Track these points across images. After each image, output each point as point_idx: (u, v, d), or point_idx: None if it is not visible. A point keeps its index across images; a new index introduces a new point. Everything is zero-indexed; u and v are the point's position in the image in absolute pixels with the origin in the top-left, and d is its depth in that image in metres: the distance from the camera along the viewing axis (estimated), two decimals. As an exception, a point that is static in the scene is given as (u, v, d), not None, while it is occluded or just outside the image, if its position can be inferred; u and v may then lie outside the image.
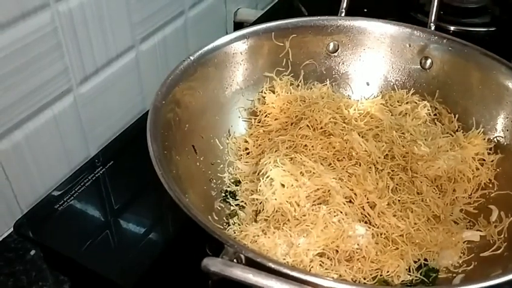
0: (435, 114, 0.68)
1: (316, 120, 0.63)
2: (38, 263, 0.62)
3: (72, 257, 0.57)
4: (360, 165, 0.59)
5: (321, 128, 0.63)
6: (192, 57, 0.62)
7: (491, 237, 0.56)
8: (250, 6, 1.04)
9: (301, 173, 0.57)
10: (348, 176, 0.58)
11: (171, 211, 0.61)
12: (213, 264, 0.39)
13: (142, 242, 0.59)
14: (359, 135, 0.61)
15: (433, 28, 0.70)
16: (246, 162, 0.64)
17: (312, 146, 0.61)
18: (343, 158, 0.61)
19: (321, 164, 0.59)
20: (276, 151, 0.61)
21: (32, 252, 0.63)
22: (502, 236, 0.55)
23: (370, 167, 0.59)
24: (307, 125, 0.63)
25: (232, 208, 0.59)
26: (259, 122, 0.68)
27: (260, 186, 0.57)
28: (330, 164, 0.60)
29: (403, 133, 0.64)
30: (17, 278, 0.60)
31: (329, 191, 0.55)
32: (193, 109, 0.62)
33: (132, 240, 0.60)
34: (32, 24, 0.59)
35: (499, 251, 0.54)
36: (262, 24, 0.68)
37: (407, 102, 0.69)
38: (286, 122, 0.66)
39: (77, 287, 0.61)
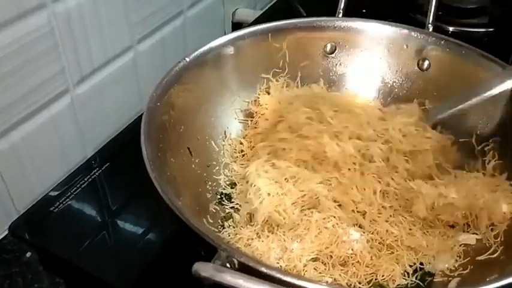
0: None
1: (291, 121, 0.62)
2: (34, 265, 0.62)
3: (69, 259, 0.57)
4: (339, 169, 0.57)
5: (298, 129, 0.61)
6: (187, 59, 0.61)
7: (487, 241, 0.55)
8: (249, 6, 1.03)
9: (285, 179, 0.56)
10: (332, 179, 0.57)
11: (168, 213, 0.61)
12: (204, 270, 0.39)
13: (139, 244, 0.59)
14: (335, 136, 0.60)
15: (431, 29, 0.69)
16: (242, 164, 0.63)
17: (290, 149, 0.60)
18: (322, 161, 0.59)
19: (305, 168, 0.58)
20: (258, 158, 0.60)
21: (28, 254, 0.63)
22: (499, 239, 0.55)
23: (350, 170, 0.57)
24: (288, 127, 0.62)
25: (227, 211, 0.59)
26: (255, 124, 0.67)
27: (249, 194, 0.56)
28: (312, 167, 0.59)
29: (386, 129, 0.62)
30: (13, 280, 0.60)
31: (316, 196, 0.55)
32: (189, 111, 0.61)
33: (128, 242, 0.60)
34: (28, 25, 0.58)
35: (495, 255, 0.54)
36: (259, 25, 0.68)
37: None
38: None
39: (72, 289, 0.61)
